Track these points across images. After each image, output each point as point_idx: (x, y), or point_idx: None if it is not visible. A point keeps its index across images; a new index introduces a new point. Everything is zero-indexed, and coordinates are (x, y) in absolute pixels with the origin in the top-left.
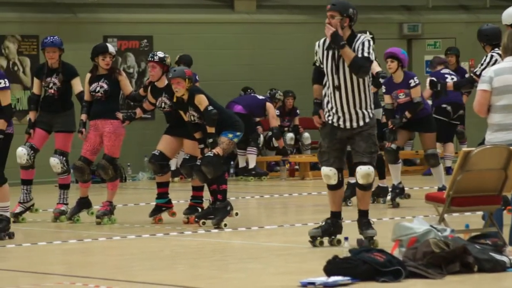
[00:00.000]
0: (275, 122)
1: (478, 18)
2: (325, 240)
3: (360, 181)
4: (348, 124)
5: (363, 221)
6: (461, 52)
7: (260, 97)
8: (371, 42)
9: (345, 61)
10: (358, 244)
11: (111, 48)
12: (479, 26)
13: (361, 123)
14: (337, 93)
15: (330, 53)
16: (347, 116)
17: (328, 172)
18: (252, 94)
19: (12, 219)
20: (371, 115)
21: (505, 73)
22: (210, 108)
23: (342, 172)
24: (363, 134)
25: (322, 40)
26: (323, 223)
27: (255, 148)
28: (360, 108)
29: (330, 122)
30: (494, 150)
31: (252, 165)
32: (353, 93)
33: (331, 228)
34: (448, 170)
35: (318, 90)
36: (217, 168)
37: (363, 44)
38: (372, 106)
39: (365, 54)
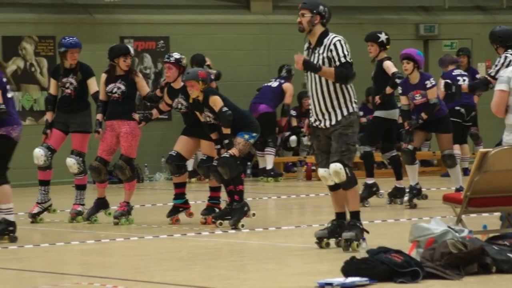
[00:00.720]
0: (290, 99)
1: (495, 19)
2: (332, 241)
3: (335, 180)
4: (322, 124)
5: (349, 222)
6: (478, 52)
7: (275, 84)
8: (343, 42)
9: (329, 80)
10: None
11: (131, 49)
12: (492, 28)
13: (334, 121)
14: (310, 93)
15: (305, 53)
16: (320, 116)
17: (323, 173)
18: (266, 85)
19: (30, 220)
20: (345, 113)
21: None
22: (225, 109)
23: None
24: (335, 134)
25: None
26: (329, 225)
27: (273, 149)
28: (333, 107)
29: (310, 123)
30: (511, 150)
31: (270, 165)
32: (322, 92)
33: (337, 229)
34: (465, 171)
35: None
36: (233, 168)
37: (336, 47)
38: (350, 105)
39: (342, 60)
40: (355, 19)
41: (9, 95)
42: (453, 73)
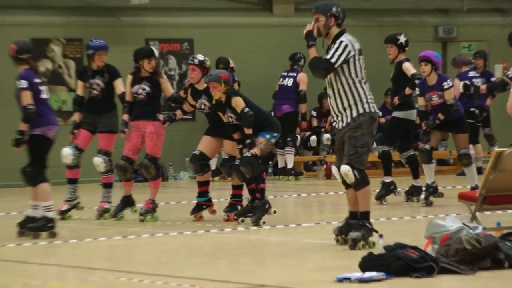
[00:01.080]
0: (304, 86)
1: None
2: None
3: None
4: (337, 125)
5: (358, 222)
6: (495, 54)
7: (290, 83)
8: (344, 44)
9: (339, 81)
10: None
11: (156, 51)
12: (510, 30)
13: (344, 123)
14: (328, 93)
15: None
16: (335, 117)
17: (334, 173)
18: (282, 85)
19: (58, 217)
20: (354, 115)
21: None
22: (247, 110)
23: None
24: (346, 137)
25: None
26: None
27: (293, 148)
28: (344, 109)
29: (332, 121)
30: None
31: (290, 165)
32: (334, 93)
33: (347, 227)
34: (479, 170)
35: None
36: (255, 167)
37: (334, 46)
38: (360, 106)
39: (328, 56)
40: (375, 21)
41: (44, 96)
42: (469, 75)
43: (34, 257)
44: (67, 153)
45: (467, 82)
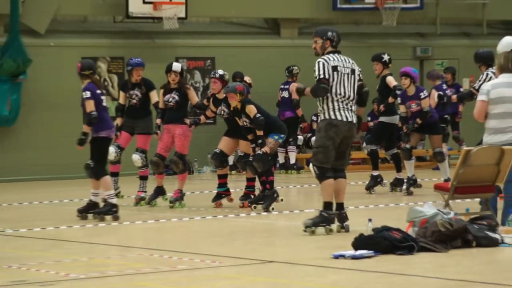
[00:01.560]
0: (296, 95)
1: (477, 43)
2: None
3: None
4: None
5: (320, 210)
6: (463, 70)
7: (286, 95)
8: (320, 63)
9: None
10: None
11: (175, 66)
12: (476, 50)
13: None
14: None
15: None
16: None
17: None
18: (282, 97)
19: (103, 204)
20: (318, 120)
21: (500, 87)
22: (258, 115)
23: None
24: None
25: None
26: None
27: (294, 147)
28: (319, 114)
29: None
30: (489, 149)
31: (292, 161)
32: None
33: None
34: None
35: None
36: (266, 163)
37: (315, 67)
38: (323, 113)
39: (316, 78)
40: (364, 43)
41: (104, 104)
42: (443, 87)
43: (82, 237)
44: (111, 151)
45: (441, 93)
